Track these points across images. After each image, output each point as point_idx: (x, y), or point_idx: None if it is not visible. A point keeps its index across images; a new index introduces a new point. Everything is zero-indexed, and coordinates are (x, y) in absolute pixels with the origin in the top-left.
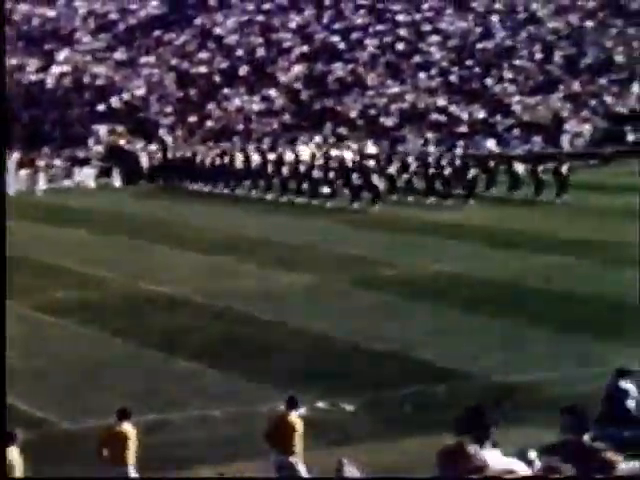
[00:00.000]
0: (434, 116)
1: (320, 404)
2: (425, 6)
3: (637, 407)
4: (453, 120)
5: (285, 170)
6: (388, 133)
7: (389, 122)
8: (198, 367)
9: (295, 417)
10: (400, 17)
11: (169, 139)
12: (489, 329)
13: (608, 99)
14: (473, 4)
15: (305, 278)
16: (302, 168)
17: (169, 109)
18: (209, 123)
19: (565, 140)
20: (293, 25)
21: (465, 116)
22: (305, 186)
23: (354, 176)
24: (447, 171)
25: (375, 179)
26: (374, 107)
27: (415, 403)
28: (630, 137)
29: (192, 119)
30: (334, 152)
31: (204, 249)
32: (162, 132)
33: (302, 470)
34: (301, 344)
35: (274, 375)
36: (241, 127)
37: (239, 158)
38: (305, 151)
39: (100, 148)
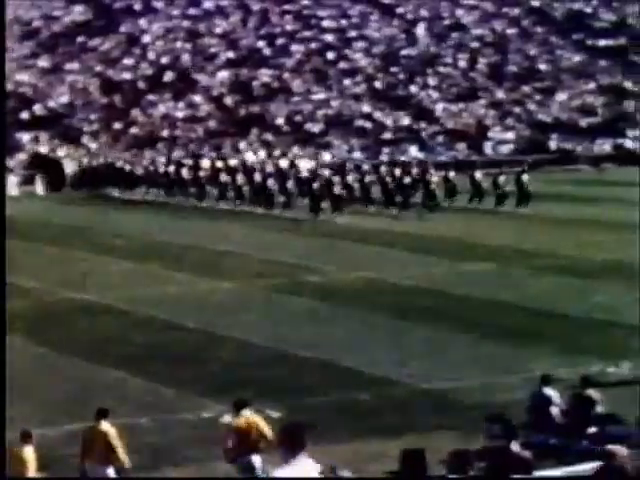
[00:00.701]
0: (359, 122)
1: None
2: (351, 12)
3: (561, 414)
4: (378, 126)
5: (240, 179)
6: (314, 139)
7: (315, 128)
8: (122, 375)
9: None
10: (326, 23)
11: (93, 146)
12: (413, 336)
13: (532, 107)
14: (399, 10)
15: (228, 285)
16: (258, 177)
17: (93, 116)
18: (134, 130)
19: (489, 147)
20: (219, 31)
21: (390, 123)
22: (250, 195)
23: (315, 185)
24: (406, 180)
25: (337, 189)
26: (300, 113)
27: (341, 410)
28: (553, 145)
29: (117, 126)
30: (283, 161)
31: (128, 256)
32: (86, 139)
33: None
34: (225, 351)
35: (198, 383)
36: (166, 133)
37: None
38: (252, 158)
39: (23, 156)
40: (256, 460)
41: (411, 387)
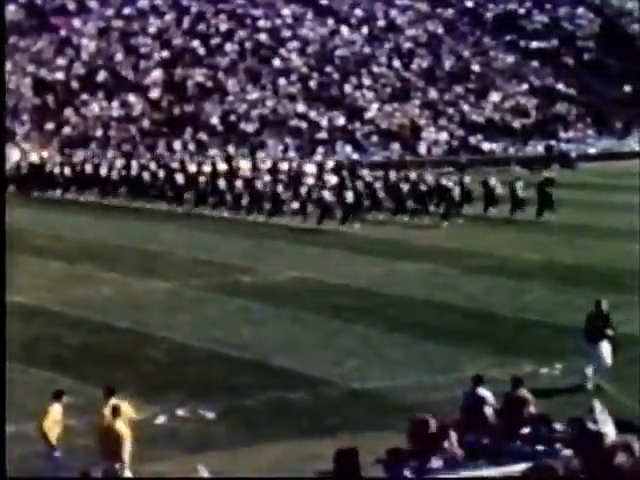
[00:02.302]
0: (294, 122)
1: (180, 412)
2: (285, 12)
3: (495, 414)
4: (313, 126)
5: (239, 184)
6: (248, 139)
7: (249, 128)
8: (54, 376)
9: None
10: (260, 23)
11: (26, 146)
12: (348, 335)
13: (465, 108)
14: (333, 10)
15: (163, 285)
16: (260, 183)
17: (25, 116)
18: (66, 130)
19: (423, 147)
20: (153, 30)
21: (325, 122)
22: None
23: (325, 194)
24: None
25: (349, 195)
26: (234, 113)
27: (275, 410)
28: (485, 146)
29: (49, 126)
30: (283, 165)
31: (63, 257)
32: (18, 139)
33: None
34: (159, 352)
35: (131, 384)
36: (99, 133)
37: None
38: (246, 165)
39: None
40: None
41: (346, 387)
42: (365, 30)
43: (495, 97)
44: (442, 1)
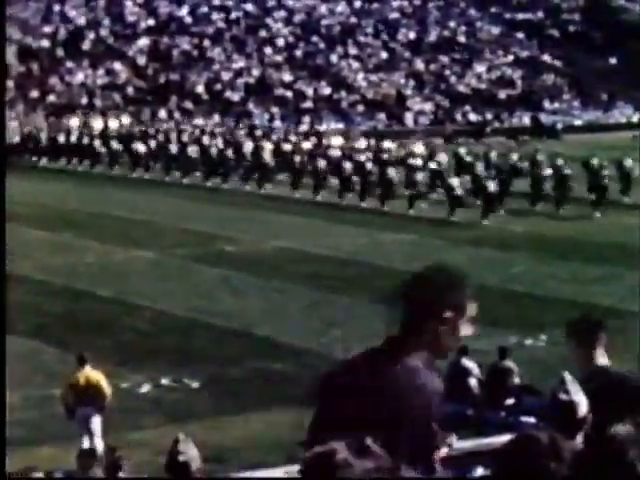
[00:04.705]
0: (279, 91)
1: (164, 381)
2: None
3: (479, 385)
4: (298, 95)
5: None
6: (233, 107)
7: (235, 97)
8: (36, 345)
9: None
10: None
11: (11, 114)
12: (330, 305)
13: (450, 79)
14: None
15: (145, 254)
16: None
17: (10, 83)
18: (51, 98)
19: (409, 118)
20: None
21: (310, 92)
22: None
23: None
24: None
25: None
26: (219, 81)
27: (258, 379)
28: (472, 117)
29: (34, 94)
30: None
31: (45, 225)
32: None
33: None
34: (142, 321)
35: (115, 353)
36: (84, 101)
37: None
38: (337, 141)
39: None
40: (92, 414)
41: (328, 356)
42: (351, 0)
43: (480, 68)
44: None
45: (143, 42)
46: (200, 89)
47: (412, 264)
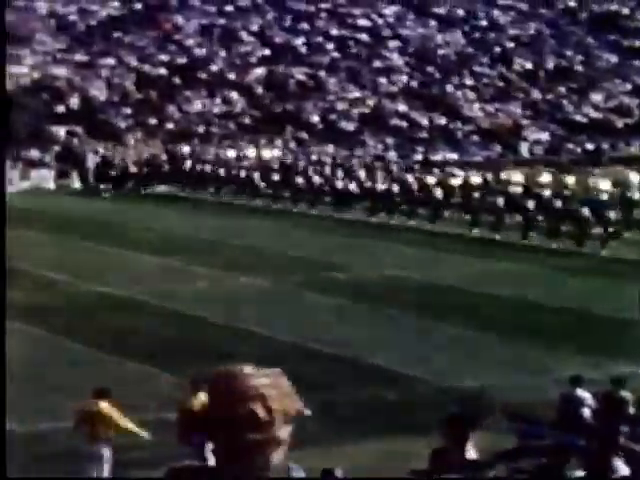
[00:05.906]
0: (394, 121)
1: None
2: (386, 11)
3: (592, 416)
4: (413, 125)
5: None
6: (347, 137)
7: (349, 127)
8: (151, 370)
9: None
10: (360, 21)
11: (131, 141)
12: (441, 334)
13: (567, 107)
14: (434, 11)
15: (257, 281)
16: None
17: (128, 110)
18: (169, 125)
19: (524, 148)
20: (255, 28)
21: (425, 122)
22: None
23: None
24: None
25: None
26: (334, 111)
27: (368, 407)
28: (589, 146)
29: (151, 121)
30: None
31: (161, 251)
32: (122, 134)
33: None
34: (253, 347)
35: None
36: (201, 130)
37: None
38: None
39: (57, 149)
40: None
41: (441, 386)
42: (467, 29)
43: (597, 97)
44: (544, 0)
45: (258, 71)
46: (315, 119)
47: (523, 293)
